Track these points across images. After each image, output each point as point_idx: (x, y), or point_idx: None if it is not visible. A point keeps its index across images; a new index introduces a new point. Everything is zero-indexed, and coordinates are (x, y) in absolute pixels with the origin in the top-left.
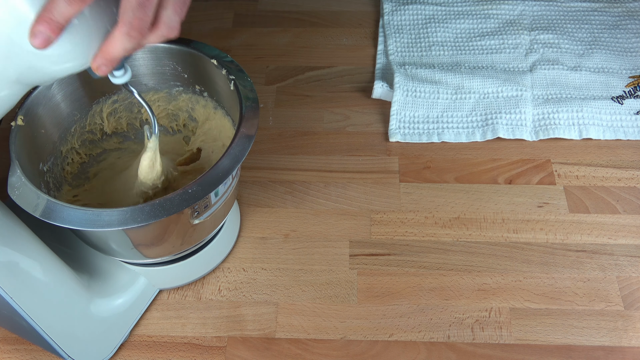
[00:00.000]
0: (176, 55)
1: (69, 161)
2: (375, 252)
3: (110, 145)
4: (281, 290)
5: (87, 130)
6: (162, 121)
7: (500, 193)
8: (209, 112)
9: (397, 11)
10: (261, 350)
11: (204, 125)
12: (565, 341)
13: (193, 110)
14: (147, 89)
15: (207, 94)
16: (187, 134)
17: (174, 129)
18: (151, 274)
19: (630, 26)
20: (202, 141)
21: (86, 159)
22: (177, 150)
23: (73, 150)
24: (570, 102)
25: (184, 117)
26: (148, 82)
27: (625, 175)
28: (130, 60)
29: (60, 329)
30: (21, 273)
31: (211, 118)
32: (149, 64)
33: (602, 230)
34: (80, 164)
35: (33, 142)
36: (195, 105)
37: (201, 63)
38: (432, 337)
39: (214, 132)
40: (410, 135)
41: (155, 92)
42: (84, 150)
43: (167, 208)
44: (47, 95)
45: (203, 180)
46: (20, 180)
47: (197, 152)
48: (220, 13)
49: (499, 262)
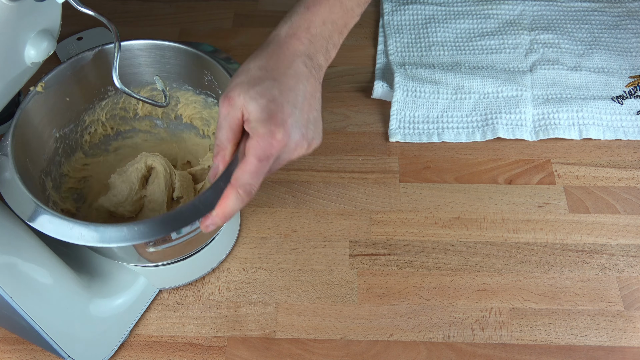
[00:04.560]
0: (215, 71)
1: (91, 131)
2: (375, 252)
3: (141, 126)
4: (281, 290)
5: (120, 107)
6: (196, 122)
7: (500, 193)
8: None
9: (397, 11)
10: (261, 350)
11: None
12: (565, 341)
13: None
14: (187, 89)
15: None
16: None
17: (204, 133)
18: (151, 274)
19: (630, 26)
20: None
21: (111, 132)
22: (199, 154)
23: (99, 121)
24: (570, 102)
25: (214, 127)
26: (190, 84)
27: (625, 175)
28: (174, 60)
29: (60, 329)
30: (21, 273)
31: None
32: (192, 69)
33: (602, 230)
34: (104, 135)
35: (52, 108)
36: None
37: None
38: (432, 337)
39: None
40: (410, 135)
41: (194, 94)
42: (110, 124)
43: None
44: (81, 67)
45: (164, 217)
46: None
47: (207, 169)
48: (220, 13)
49: (499, 262)
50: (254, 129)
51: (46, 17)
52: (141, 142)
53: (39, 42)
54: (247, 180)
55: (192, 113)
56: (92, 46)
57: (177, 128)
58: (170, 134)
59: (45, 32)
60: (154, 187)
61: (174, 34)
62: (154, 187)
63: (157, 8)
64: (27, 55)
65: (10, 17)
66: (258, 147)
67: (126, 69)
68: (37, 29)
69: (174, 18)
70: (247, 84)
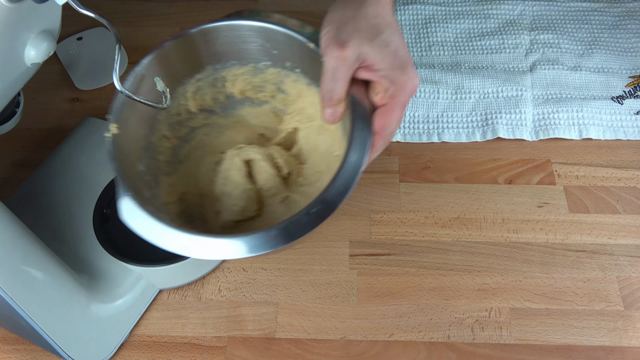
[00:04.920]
0: (265, 33)
1: (160, 150)
2: (375, 252)
3: (196, 123)
4: (281, 290)
5: (174, 113)
6: (248, 94)
7: (500, 193)
8: (301, 87)
9: (397, 11)
10: (261, 350)
11: (296, 102)
12: (565, 341)
13: (282, 83)
14: (231, 65)
15: (299, 70)
16: (275, 104)
17: (260, 100)
18: (151, 274)
19: (630, 26)
20: (297, 120)
21: (176, 142)
22: (265, 123)
23: (163, 137)
24: (570, 102)
25: (271, 88)
26: (230, 59)
27: (625, 175)
28: (210, 37)
29: (60, 329)
30: (21, 273)
31: (304, 95)
32: (230, 41)
33: (602, 230)
34: (171, 148)
35: (127, 145)
36: (285, 78)
37: (295, 43)
38: (432, 337)
39: (309, 111)
40: (410, 135)
41: (240, 66)
42: (172, 134)
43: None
44: (132, 103)
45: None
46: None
47: (293, 131)
48: (220, 13)
49: (499, 262)
50: (390, 77)
51: (46, 18)
52: (203, 137)
53: (39, 42)
54: (394, 128)
55: (243, 85)
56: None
57: (232, 108)
58: (226, 118)
59: (46, 33)
60: (264, 176)
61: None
62: (264, 176)
63: (157, 8)
64: (27, 56)
65: (10, 18)
66: (404, 94)
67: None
68: (37, 30)
69: (174, 18)
70: (365, 32)
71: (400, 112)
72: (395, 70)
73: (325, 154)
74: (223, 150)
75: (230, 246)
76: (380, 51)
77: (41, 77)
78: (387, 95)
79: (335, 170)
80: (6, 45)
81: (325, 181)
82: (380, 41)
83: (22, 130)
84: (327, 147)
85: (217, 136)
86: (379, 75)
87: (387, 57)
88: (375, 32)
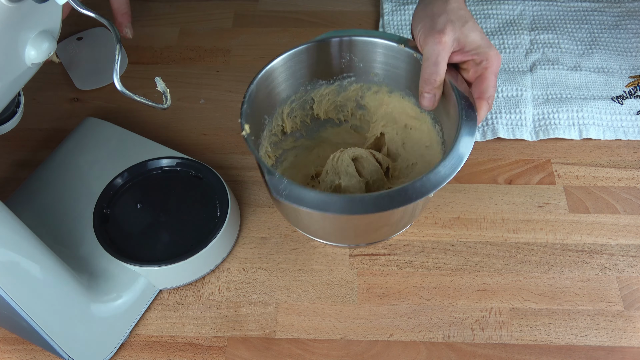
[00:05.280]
0: (355, 46)
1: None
2: (375, 252)
3: (287, 145)
4: (281, 290)
5: (272, 133)
6: (330, 114)
7: (500, 193)
8: (382, 97)
9: (397, 11)
10: (261, 350)
11: (378, 110)
12: (565, 341)
13: (362, 98)
14: (320, 85)
15: (381, 79)
16: (354, 122)
17: (340, 120)
18: (151, 274)
19: (630, 26)
20: (383, 125)
21: (273, 162)
22: (346, 139)
23: (266, 154)
24: (570, 102)
25: (351, 106)
26: (322, 78)
27: (625, 175)
28: (300, 57)
29: (60, 329)
30: (21, 273)
31: (386, 103)
32: (322, 60)
33: (602, 230)
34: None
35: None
36: (366, 92)
37: (382, 49)
38: (432, 337)
39: (393, 115)
40: None
41: (327, 86)
42: (272, 153)
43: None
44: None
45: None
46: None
47: (380, 136)
48: (220, 13)
49: (499, 262)
50: (483, 52)
51: (46, 18)
52: (293, 159)
53: (39, 42)
54: (492, 92)
55: (327, 106)
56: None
57: (315, 131)
58: (311, 140)
59: (46, 33)
60: (371, 169)
61: (174, 33)
62: (372, 169)
63: (157, 8)
64: (28, 56)
65: (10, 18)
66: (495, 64)
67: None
68: (37, 30)
69: (174, 18)
70: (457, 21)
71: (494, 79)
72: (484, 47)
73: (414, 147)
74: (316, 165)
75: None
76: (472, 34)
77: (41, 77)
78: (480, 68)
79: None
80: (6, 45)
81: (420, 172)
82: (469, 27)
83: (22, 130)
84: (415, 142)
85: (307, 155)
86: (471, 54)
87: (477, 38)
88: (464, 20)
